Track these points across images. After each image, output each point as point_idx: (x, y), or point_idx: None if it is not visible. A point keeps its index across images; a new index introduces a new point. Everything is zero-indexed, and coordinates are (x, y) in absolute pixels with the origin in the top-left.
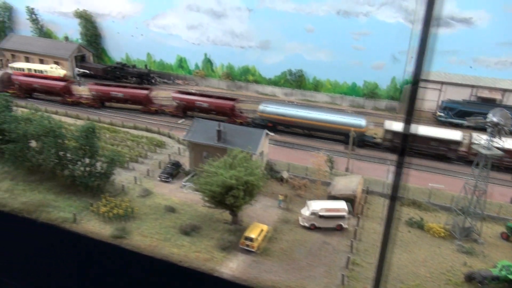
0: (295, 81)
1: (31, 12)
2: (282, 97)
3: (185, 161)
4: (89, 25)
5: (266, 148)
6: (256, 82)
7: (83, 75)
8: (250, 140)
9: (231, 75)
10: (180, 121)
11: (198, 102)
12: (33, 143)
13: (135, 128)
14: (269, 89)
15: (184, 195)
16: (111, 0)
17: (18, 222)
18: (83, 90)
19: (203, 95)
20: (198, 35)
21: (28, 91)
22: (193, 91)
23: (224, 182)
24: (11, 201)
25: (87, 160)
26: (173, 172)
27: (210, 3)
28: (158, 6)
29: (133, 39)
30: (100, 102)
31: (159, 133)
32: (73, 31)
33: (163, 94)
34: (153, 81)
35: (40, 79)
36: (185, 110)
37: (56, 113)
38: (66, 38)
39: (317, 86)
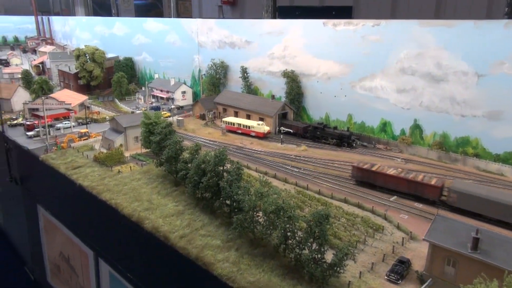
0: None
1: (244, 71)
2: None
3: (412, 257)
4: (294, 84)
5: None
6: (477, 156)
7: (283, 133)
8: None
9: (444, 145)
10: (392, 198)
11: None
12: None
13: (346, 202)
14: (494, 167)
15: None
16: (319, 63)
17: None
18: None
19: None
20: (409, 99)
21: None
22: None
23: None
24: (239, 277)
25: (315, 247)
26: (404, 272)
27: (429, 67)
28: (368, 68)
29: (335, 100)
30: None
31: (372, 211)
32: (278, 88)
33: None
34: (353, 144)
35: None
36: None
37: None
38: (273, 97)
39: None
